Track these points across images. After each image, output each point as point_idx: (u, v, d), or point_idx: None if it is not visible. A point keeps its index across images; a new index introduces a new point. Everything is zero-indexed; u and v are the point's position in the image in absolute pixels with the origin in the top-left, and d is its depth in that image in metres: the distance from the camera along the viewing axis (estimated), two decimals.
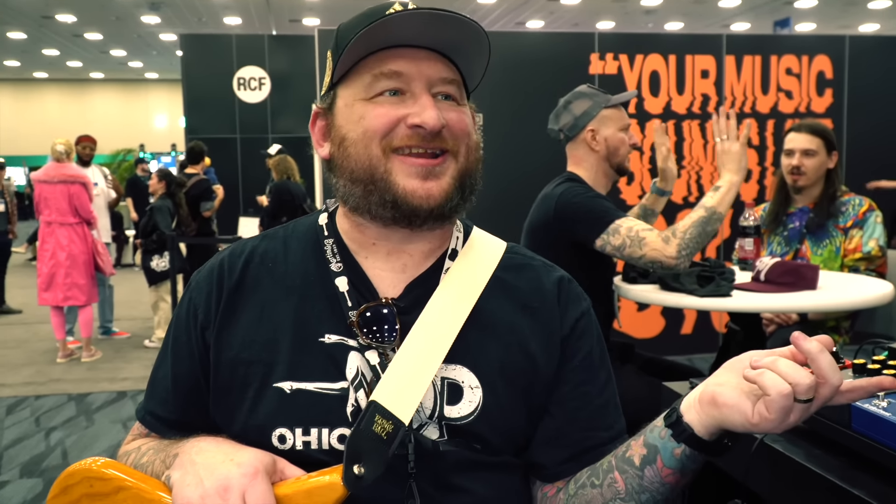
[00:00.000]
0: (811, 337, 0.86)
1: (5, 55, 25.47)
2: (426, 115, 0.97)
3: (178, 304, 1.11)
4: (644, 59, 5.80)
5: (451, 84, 1.03)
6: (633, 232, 2.34)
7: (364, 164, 1.00)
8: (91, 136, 7.19)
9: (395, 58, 1.00)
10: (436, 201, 1.00)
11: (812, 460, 1.18)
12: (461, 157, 1.02)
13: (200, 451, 0.94)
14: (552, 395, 1.07)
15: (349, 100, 1.03)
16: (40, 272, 6.13)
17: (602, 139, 2.57)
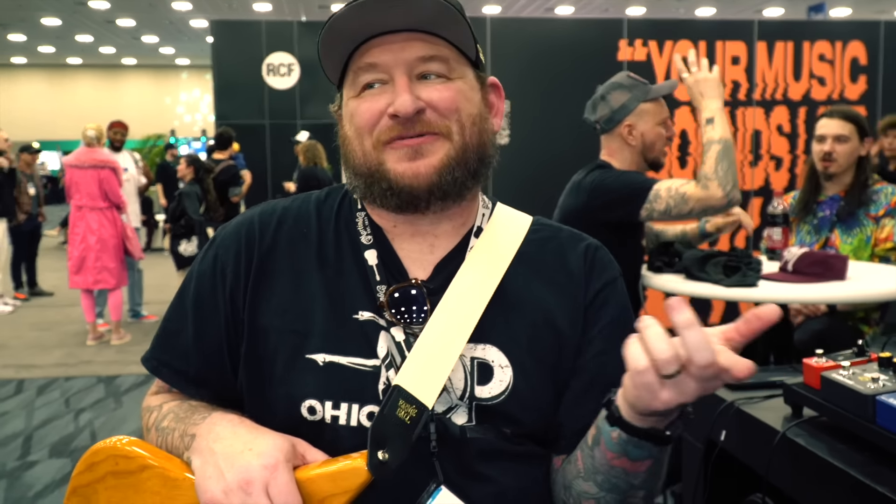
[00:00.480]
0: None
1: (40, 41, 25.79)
2: (398, 103, 0.96)
3: (201, 258, 1.07)
4: (674, 45, 5.71)
5: (432, 61, 0.99)
6: (674, 191, 2.32)
7: (360, 159, 1.01)
8: (123, 122, 7.25)
9: (371, 49, 0.99)
10: (426, 179, 0.98)
11: (835, 455, 1.15)
12: (454, 134, 0.99)
13: (217, 437, 0.92)
14: (573, 365, 1.05)
15: (346, 99, 1.04)
16: (71, 256, 6.21)
17: (639, 134, 2.53)
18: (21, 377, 5.43)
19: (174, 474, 0.95)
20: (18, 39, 25.38)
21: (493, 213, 1.11)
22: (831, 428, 1.22)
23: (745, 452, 1.37)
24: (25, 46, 26.69)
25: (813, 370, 1.26)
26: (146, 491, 0.95)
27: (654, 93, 2.56)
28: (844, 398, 1.17)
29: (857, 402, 1.14)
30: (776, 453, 1.23)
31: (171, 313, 1.09)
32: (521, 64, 5.73)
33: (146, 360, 1.09)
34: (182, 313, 1.07)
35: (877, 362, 1.20)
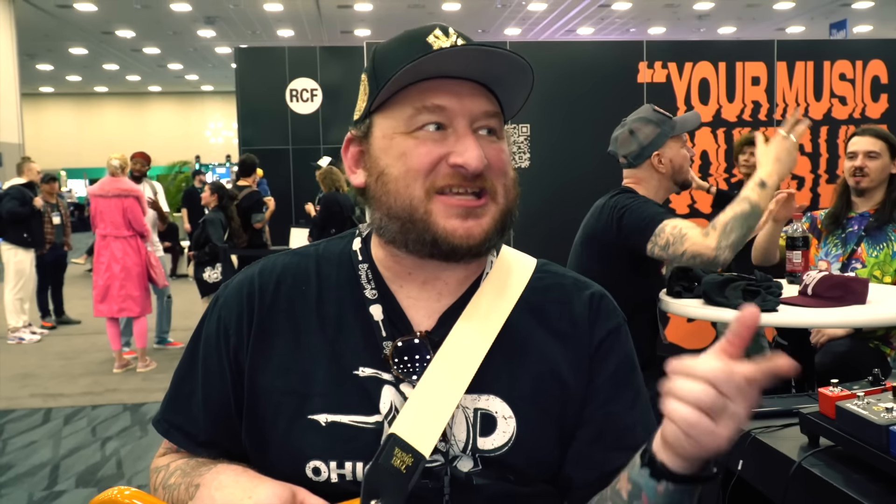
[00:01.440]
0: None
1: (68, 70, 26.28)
2: (468, 156, 0.95)
3: (206, 320, 1.08)
4: (693, 66, 5.72)
5: (492, 118, 1.00)
6: (677, 230, 2.32)
7: (405, 202, 0.98)
8: (145, 153, 7.35)
9: (438, 91, 0.98)
10: (476, 241, 0.98)
11: (850, 485, 1.15)
12: (500, 197, 1.00)
13: (220, 486, 0.93)
14: (580, 416, 1.04)
15: (388, 131, 1.00)
16: (96, 284, 6.29)
17: (668, 161, 2.59)
18: (48, 406, 5.50)
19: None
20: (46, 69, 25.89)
21: (498, 256, 1.10)
22: (847, 458, 1.22)
23: (762, 482, 1.37)
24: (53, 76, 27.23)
25: (828, 399, 1.26)
26: None
27: (681, 129, 2.60)
28: (859, 428, 1.17)
29: (872, 432, 1.14)
30: (792, 483, 1.22)
31: (181, 373, 1.10)
32: (542, 86, 5.75)
33: (157, 422, 1.11)
34: (191, 375, 1.08)
35: (892, 391, 1.20)
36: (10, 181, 8.17)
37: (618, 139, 2.65)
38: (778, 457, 1.31)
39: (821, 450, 1.27)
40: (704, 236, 2.26)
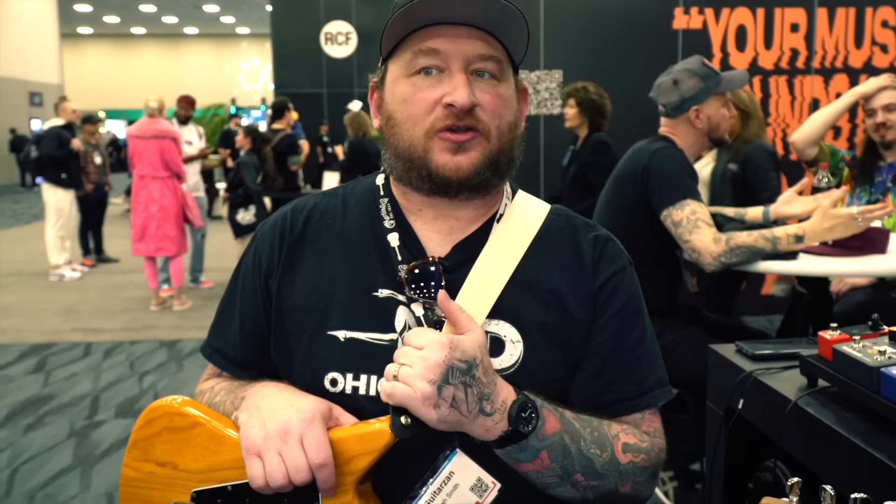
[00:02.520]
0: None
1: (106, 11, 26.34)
2: (457, 94, 1.02)
3: (245, 253, 1.20)
4: (731, 12, 5.63)
5: (489, 60, 1.06)
6: (695, 216, 2.35)
7: (407, 143, 1.06)
8: (190, 97, 7.44)
9: (436, 35, 1.04)
10: (464, 173, 1.05)
11: (842, 423, 1.20)
12: (493, 138, 1.06)
13: (264, 395, 1.03)
14: (584, 349, 1.11)
15: (394, 76, 1.09)
16: (133, 224, 6.44)
17: (705, 117, 2.56)
18: (89, 340, 5.70)
19: (221, 432, 1.05)
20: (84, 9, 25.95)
21: (514, 199, 1.18)
22: (841, 398, 1.27)
23: (760, 420, 1.43)
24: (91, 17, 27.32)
25: (826, 343, 1.30)
26: (196, 445, 1.05)
27: (726, 87, 2.57)
28: (852, 369, 1.21)
29: (864, 373, 1.18)
30: (788, 421, 1.27)
31: (223, 303, 1.20)
32: (574, 34, 5.71)
33: (203, 347, 1.22)
34: (231, 303, 1.19)
35: (888, 336, 1.24)
36: (49, 122, 8.30)
37: (661, 87, 2.64)
38: (775, 396, 1.36)
39: (817, 390, 1.32)
40: (714, 242, 2.30)
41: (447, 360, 0.91)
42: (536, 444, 0.97)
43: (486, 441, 0.96)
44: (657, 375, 1.14)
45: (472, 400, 0.93)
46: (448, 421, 0.92)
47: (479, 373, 0.94)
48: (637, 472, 1.07)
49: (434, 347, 0.92)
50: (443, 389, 0.90)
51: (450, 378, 0.91)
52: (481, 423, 0.94)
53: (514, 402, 0.96)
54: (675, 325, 2.57)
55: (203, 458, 1.04)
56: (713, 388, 1.64)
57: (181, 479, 1.05)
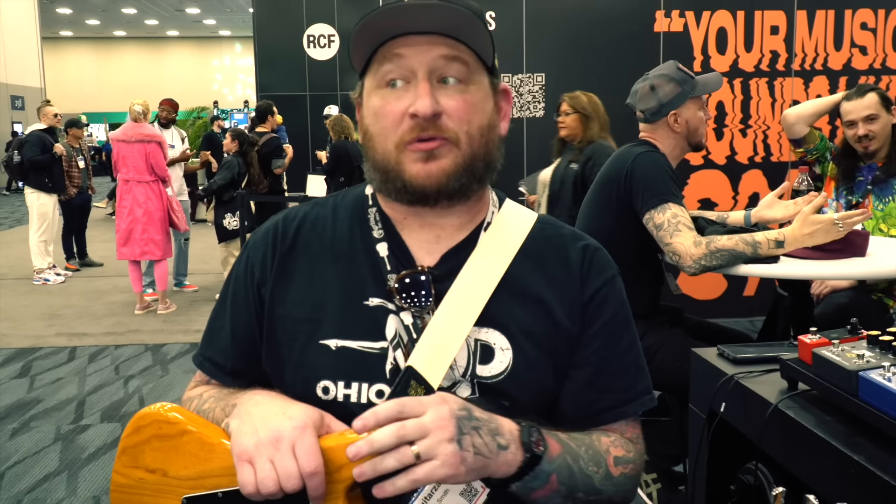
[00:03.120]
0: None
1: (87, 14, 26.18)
2: (419, 104, 1.03)
3: (237, 261, 1.21)
4: (711, 15, 5.68)
5: (454, 62, 1.06)
6: (676, 220, 2.37)
7: (381, 156, 1.08)
8: (172, 100, 7.44)
9: (399, 45, 1.06)
10: (437, 180, 1.06)
11: (822, 427, 1.23)
12: (462, 144, 1.07)
13: (256, 403, 1.04)
14: (573, 358, 1.13)
15: (368, 89, 1.11)
16: (118, 228, 6.42)
17: (683, 121, 2.59)
18: (74, 345, 5.68)
19: (210, 440, 1.06)
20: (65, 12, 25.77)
21: (500, 208, 1.19)
22: (821, 401, 1.30)
23: (741, 423, 1.46)
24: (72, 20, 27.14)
25: (806, 346, 1.33)
26: (185, 453, 1.06)
27: (702, 90, 2.60)
28: (831, 373, 1.24)
29: (842, 377, 1.21)
30: (769, 424, 1.30)
31: (215, 312, 1.21)
32: (557, 37, 5.75)
33: (195, 356, 1.23)
34: (222, 312, 1.20)
35: (866, 340, 1.27)
36: (31, 126, 8.26)
37: (638, 93, 2.67)
38: (757, 399, 1.39)
39: (797, 393, 1.35)
40: (694, 245, 2.32)
41: (452, 412, 0.92)
42: (547, 469, 0.99)
43: (507, 477, 0.96)
44: (645, 383, 1.17)
45: (488, 439, 0.94)
46: (475, 468, 0.92)
47: (478, 413, 0.95)
48: (628, 483, 1.10)
49: (435, 408, 0.92)
50: (462, 441, 0.91)
51: (463, 428, 0.92)
52: (504, 458, 0.95)
53: (520, 428, 0.98)
54: (657, 327, 2.61)
55: (193, 466, 1.05)
56: (695, 392, 1.67)
57: (171, 486, 1.06)
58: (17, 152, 7.85)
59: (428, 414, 0.91)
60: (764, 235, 2.34)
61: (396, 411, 0.92)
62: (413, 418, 0.91)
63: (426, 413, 0.91)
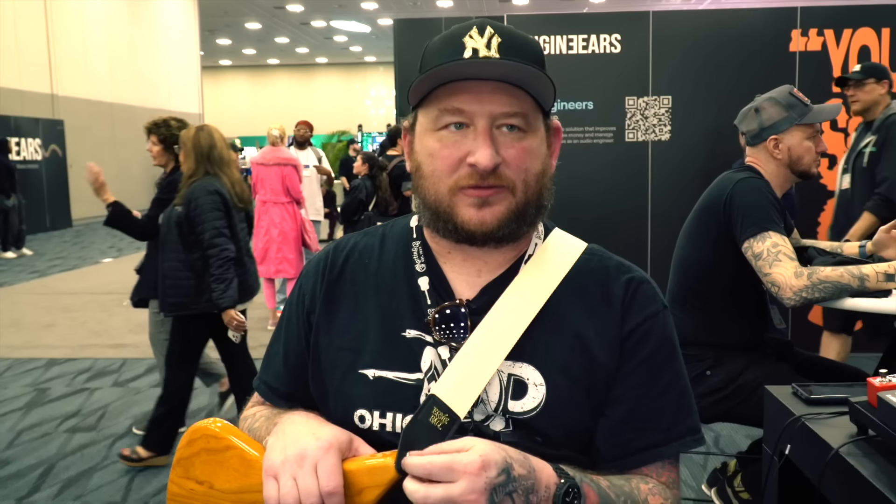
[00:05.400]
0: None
1: (244, 44, 27.78)
2: (479, 156, 1.04)
3: (293, 289, 1.27)
4: (853, 33, 5.40)
5: (514, 116, 1.07)
6: (776, 249, 2.29)
7: (433, 196, 1.10)
8: (307, 122, 7.79)
9: (461, 93, 1.07)
10: (489, 227, 1.08)
11: (880, 476, 1.16)
12: (518, 192, 1.08)
13: (292, 422, 1.09)
14: (609, 395, 1.11)
15: (422, 128, 1.12)
16: (255, 247, 6.74)
17: (785, 148, 2.49)
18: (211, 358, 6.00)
19: (251, 456, 1.12)
20: (225, 43, 27.45)
21: (546, 238, 1.19)
22: (886, 449, 1.22)
23: (806, 466, 1.39)
24: (231, 49, 28.86)
25: (874, 389, 1.26)
26: (229, 467, 1.13)
27: (812, 118, 2.49)
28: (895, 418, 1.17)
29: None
30: (829, 469, 1.24)
31: (273, 338, 1.28)
32: (685, 58, 5.61)
33: (254, 379, 1.29)
34: (278, 337, 1.26)
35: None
36: None
37: (743, 114, 2.60)
38: (819, 443, 1.32)
39: (862, 438, 1.27)
40: (795, 276, 2.23)
41: (487, 484, 0.91)
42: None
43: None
44: (688, 423, 1.13)
45: (519, 501, 0.93)
46: None
47: (517, 472, 0.94)
48: None
49: (470, 477, 0.91)
50: None
51: (495, 498, 0.91)
52: None
53: (557, 486, 0.97)
54: (761, 361, 2.50)
55: (235, 480, 1.11)
56: (767, 431, 1.61)
57: (216, 498, 1.13)
58: None
59: (462, 483, 0.90)
60: (872, 268, 2.21)
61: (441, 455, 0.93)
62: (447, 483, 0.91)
63: (460, 480, 0.90)
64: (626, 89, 5.71)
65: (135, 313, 7.65)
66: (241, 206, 3.84)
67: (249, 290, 3.94)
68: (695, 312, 2.52)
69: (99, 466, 3.88)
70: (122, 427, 4.46)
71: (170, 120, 4.14)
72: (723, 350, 2.51)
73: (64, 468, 3.86)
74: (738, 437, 3.98)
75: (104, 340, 6.55)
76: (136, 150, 20.43)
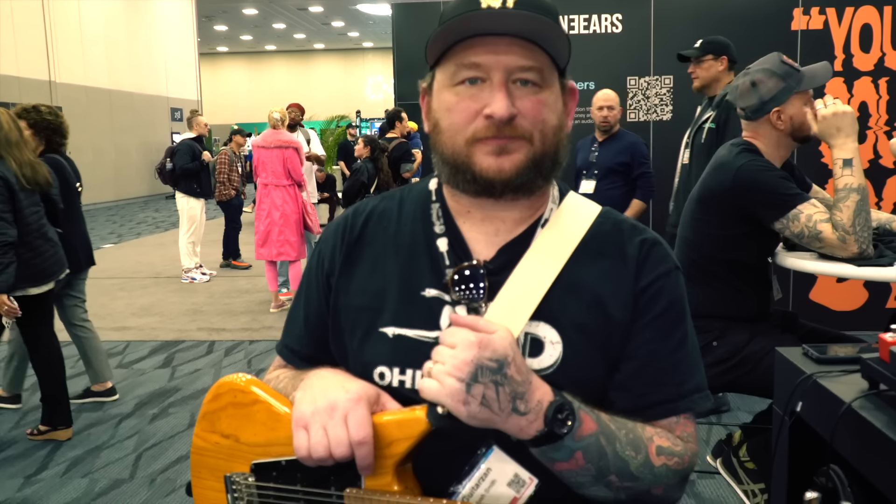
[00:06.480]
0: None
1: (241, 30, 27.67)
2: (496, 106, 1.05)
3: (312, 253, 1.29)
4: (854, 11, 5.40)
5: (530, 70, 1.08)
6: (812, 223, 2.32)
7: (450, 150, 1.11)
8: (299, 104, 7.82)
9: (477, 48, 1.08)
10: (507, 175, 1.08)
11: (893, 427, 1.17)
12: (536, 141, 1.09)
13: (320, 377, 1.11)
14: (623, 350, 1.13)
15: (440, 85, 1.13)
16: (257, 230, 6.77)
17: (787, 118, 2.49)
18: (213, 339, 6.04)
19: (278, 410, 1.13)
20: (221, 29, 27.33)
21: (562, 202, 1.20)
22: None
23: (818, 423, 1.40)
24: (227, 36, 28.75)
25: (885, 344, 1.27)
26: (255, 421, 1.14)
27: (808, 84, 2.49)
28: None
29: None
30: (841, 424, 1.25)
31: (294, 303, 1.30)
32: (687, 37, 5.59)
33: (277, 344, 1.31)
34: (298, 301, 1.28)
35: None
36: (182, 135, 8.83)
37: (738, 89, 2.57)
38: (832, 399, 1.33)
39: (874, 393, 1.29)
40: (842, 241, 2.30)
41: (476, 358, 0.94)
42: (572, 445, 0.99)
43: (521, 439, 0.99)
44: (696, 380, 1.14)
45: (504, 398, 0.95)
46: (479, 418, 0.95)
47: (512, 371, 0.96)
48: (670, 476, 1.07)
49: (464, 346, 0.95)
50: (472, 387, 0.93)
51: (479, 377, 0.94)
52: (515, 421, 0.96)
53: (550, 402, 0.98)
54: (766, 332, 2.51)
55: (262, 434, 1.13)
56: (778, 391, 1.62)
57: (242, 452, 1.14)
58: (168, 160, 8.41)
59: (456, 348, 0.95)
60: (839, 179, 2.35)
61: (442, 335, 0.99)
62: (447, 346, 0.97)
63: (455, 346, 0.95)
64: (628, 69, 5.70)
65: (137, 297, 7.69)
66: (32, 189, 3.72)
67: (45, 274, 3.81)
68: (701, 286, 2.53)
69: (105, 445, 3.90)
70: (128, 407, 4.48)
71: (40, 106, 4.20)
72: (729, 321, 2.53)
73: (70, 447, 3.88)
74: (740, 413, 4.01)
75: (107, 323, 6.56)
76: (135, 136, 20.43)
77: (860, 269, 2.29)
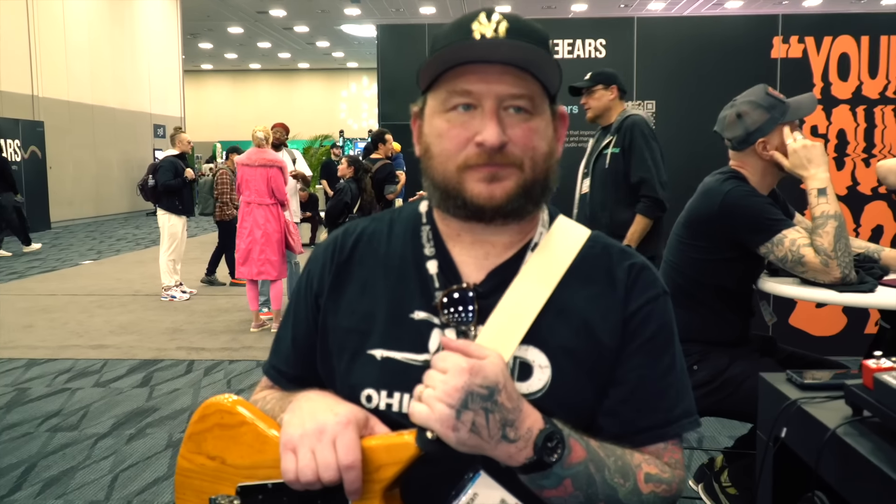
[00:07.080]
0: None
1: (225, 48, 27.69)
2: (487, 134, 1.06)
3: (301, 274, 1.28)
4: (833, 41, 5.48)
5: (521, 98, 1.09)
6: (796, 248, 2.35)
7: (441, 176, 1.12)
8: (284, 124, 7.81)
9: (469, 75, 1.09)
10: (498, 201, 1.09)
11: (878, 455, 1.18)
12: (527, 168, 1.10)
13: (309, 399, 1.10)
14: (612, 375, 1.13)
15: (431, 110, 1.14)
16: (238, 248, 6.74)
17: (773, 148, 2.52)
18: (192, 358, 5.98)
19: (266, 432, 1.12)
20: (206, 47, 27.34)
21: (551, 226, 1.20)
22: (882, 429, 1.24)
23: (802, 449, 1.41)
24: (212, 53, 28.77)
25: (869, 371, 1.28)
26: (242, 443, 1.13)
27: (792, 115, 2.52)
28: (892, 399, 1.19)
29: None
30: (826, 450, 1.26)
31: (282, 323, 1.29)
32: (669, 63, 5.68)
33: (263, 364, 1.31)
34: (286, 322, 1.27)
35: None
36: (165, 152, 8.79)
37: (724, 120, 2.60)
38: (816, 425, 1.34)
39: (857, 420, 1.29)
40: (825, 266, 2.32)
41: (466, 384, 0.94)
42: (561, 473, 0.99)
43: (510, 466, 0.99)
44: (685, 405, 1.15)
45: (493, 426, 0.95)
46: (468, 444, 0.95)
47: (502, 398, 0.96)
48: (657, 503, 1.08)
49: (455, 372, 0.95)
50: (462, 414, 0.93)
51: (469, 403, 0.94)
52: (504, 448, 0.96)
53: (540, 430, 0.98)
54: (747, 356, 2.53)
55: (248, 456, 1.11)
56: (762, 417, 1.63)
57: (228, 473, 1.12)
58: (151, 177, 8.37)
59: (447, 374, 0.95)
60: (816, 208, 2.39)
61: (433, 360, 0.98)
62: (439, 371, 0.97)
63: (446, 372, 0.95)
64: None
65: (116, 315, 7.62)
66: None
67: None
68: (684, 310, 2.53)
69: (81, 466, 3.84)
70: (104, 427, 4.42)
71: None
72: (709, 345, 2.54)
73: (45, 467, 3.82)
74: (720, 438, 4.02)
75: (85, 341, 6.49)
76: (117, 152, 20.32)
77: (842, 294, 2.31)
